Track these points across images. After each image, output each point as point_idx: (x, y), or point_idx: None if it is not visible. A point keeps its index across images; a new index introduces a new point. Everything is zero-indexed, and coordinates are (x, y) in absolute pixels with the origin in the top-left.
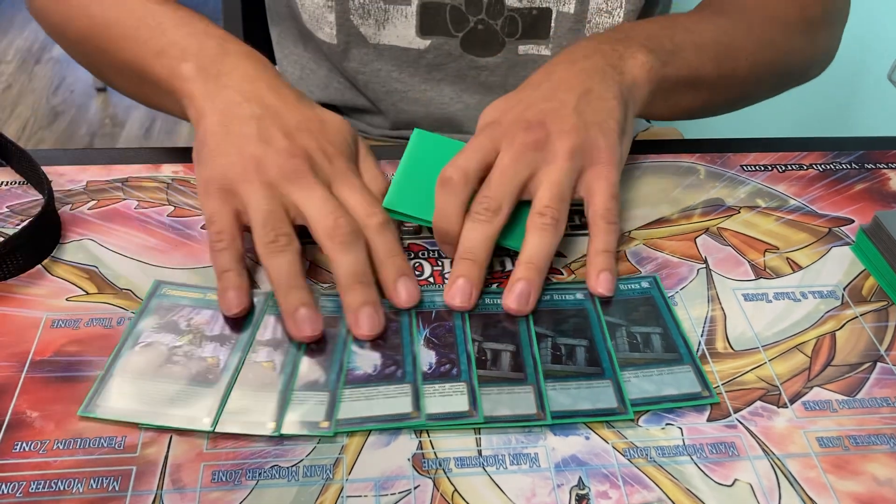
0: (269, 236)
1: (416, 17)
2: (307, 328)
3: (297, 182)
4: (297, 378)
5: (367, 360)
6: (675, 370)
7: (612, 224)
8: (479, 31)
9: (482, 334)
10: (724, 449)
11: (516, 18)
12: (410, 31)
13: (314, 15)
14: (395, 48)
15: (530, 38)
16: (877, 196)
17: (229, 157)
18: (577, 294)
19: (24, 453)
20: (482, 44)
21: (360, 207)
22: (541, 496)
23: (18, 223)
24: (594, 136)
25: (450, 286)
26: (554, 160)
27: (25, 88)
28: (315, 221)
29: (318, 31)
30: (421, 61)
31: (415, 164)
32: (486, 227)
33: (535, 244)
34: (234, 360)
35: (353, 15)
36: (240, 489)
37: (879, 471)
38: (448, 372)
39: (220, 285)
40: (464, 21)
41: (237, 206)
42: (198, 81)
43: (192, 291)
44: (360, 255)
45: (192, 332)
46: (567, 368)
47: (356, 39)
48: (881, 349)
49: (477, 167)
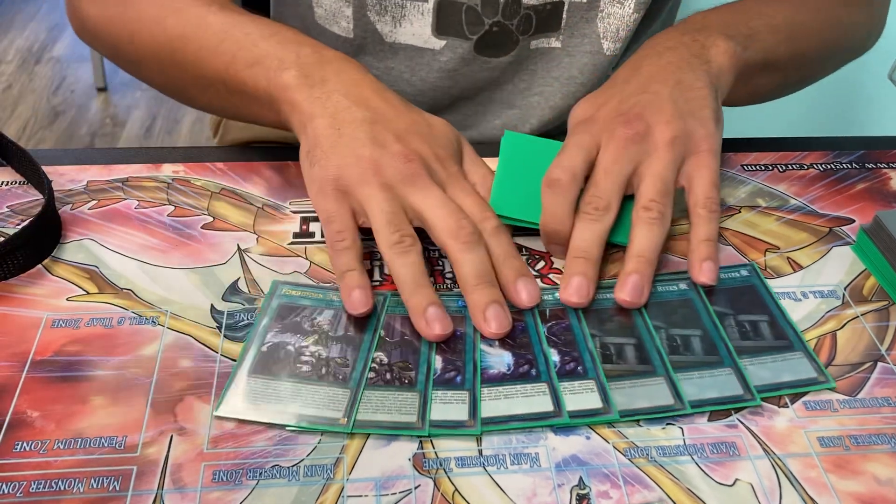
0: (395, 237)
1: (433, 14)
2: (437, 326)
3: (415, 184)
4: (433, 377)
5: (500, 360)
6: (788, 357)
7: (713, 213)
8: (494, 33)
9: (600, 330)
10: (725, 449)
11: (531, 16)
12: (426, 29)
13: (330, 9)
14: (410, 48)
15: (542, 31)
16: (877, 196)
17: (345, 159)
18: (679, 284)
19: (25, 453)
20: (496, 45)
21: (476, 210)
22: (541, 496)
23: (19, 223)
24: (692, 126)
25: (566, 285)
26: (655, 152)
27: (26, 88)
28: (437, 222)
29: (333, 26)
30: (434, 64)
31: (512, 166)
32: (598, 225)
33: (644, 238)
34: (361, 361)
35: (370, 10)
36: (240, 489)
37: (880, 470)
38: (574, 370)
39: (345, 284)
40: (479, 23)
41: (354, 207)
42: (302, 89)
43: (313, 291)
44: (484, 254)
45: (317, 332)
46: (687, 358)
47: (372, 36)
48: (882, 349)
49: (582, 166)
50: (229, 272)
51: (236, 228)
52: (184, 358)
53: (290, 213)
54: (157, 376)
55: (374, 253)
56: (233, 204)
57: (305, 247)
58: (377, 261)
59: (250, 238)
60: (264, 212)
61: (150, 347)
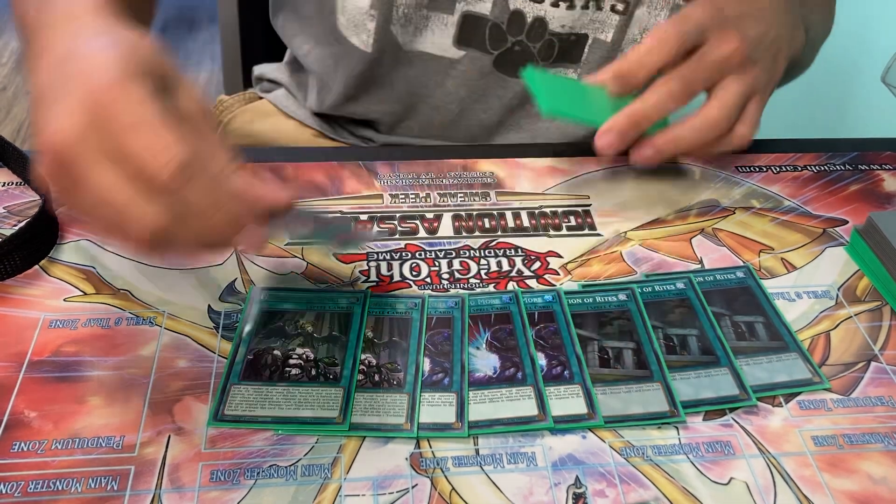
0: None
1: (457, 27)
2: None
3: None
4: (421, 379)
5: (487, 363)
6: (784, 357)
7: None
8: (516, 53)
9: (599, 333)
10: (720, 448)
11: (554, 43)
12: (447, 40)
13: (354, 20)
14: (426, 55)
15: (562, 61)
16: (871, 197)
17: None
18: (677, 284)
19: (23, 453)
20: (515, 64)
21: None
22: (538, 495)
23: (16, 224)
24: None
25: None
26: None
27: (20, 90)
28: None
29: (352, 37)
30: (451, 71)
31: (552, 86)
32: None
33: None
34: (350, 360)
35: (395, 24)
36: (238, 488)
37: (874, 469)
38: (560, 374)
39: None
40: (502, 40)
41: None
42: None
43: (293, 294)
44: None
45: (302, 334)
46: (683, 358)
47: (391, 46)
48: (875, 349)
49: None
50: (226, 273)
51: None
52: (181, 358)
53: None
54: (154, 376)
55: (372, 254)
56: None
57: (302, 248)
58: (373, 261)
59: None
60: None
61: (148, 348)
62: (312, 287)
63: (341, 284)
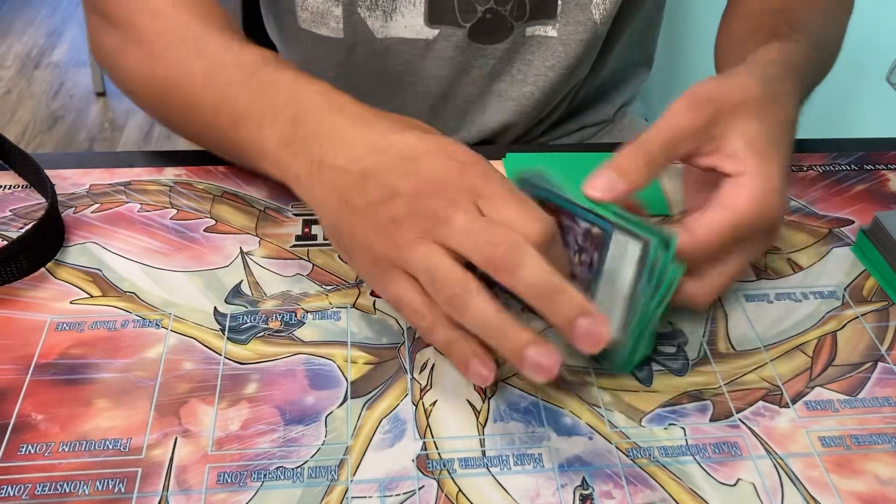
0: (444, 294)
1: (425, 5)
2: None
3: (438, 220)
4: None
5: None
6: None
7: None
8: (488, 20)
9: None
10: (727, 449)
11: (524, 1)
12: (419, 20)
13: (318, 11)
14: (401, 41)
15: (538, 18)
16: (876, 197)
17: (368, 235)
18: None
19: (30, 455)
20: (490, 31)
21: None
22: (545, 496)
23: (22, 227)
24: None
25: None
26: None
27: (25, 93)
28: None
29: (320, 28)
30: (428, 54)
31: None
32: None
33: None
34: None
35: (360, 7)
36: (245, 490)
37: (882, 470)
38: None
39: (456, 361)
40: (471, 11)
41: (408, 272)
42: (284, 154)
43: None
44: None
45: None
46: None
47: (363, 34)
48: (882, 349)
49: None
50: (232, 275)
51: (239, 231)
52: (187, 360)
53: (292, 216)
54: (160, 379)
55: None
56: (235, 207)
57: (308, 249)
58: None
59: (253, 241)
60: (266, 215)
61: (154, 350)
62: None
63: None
